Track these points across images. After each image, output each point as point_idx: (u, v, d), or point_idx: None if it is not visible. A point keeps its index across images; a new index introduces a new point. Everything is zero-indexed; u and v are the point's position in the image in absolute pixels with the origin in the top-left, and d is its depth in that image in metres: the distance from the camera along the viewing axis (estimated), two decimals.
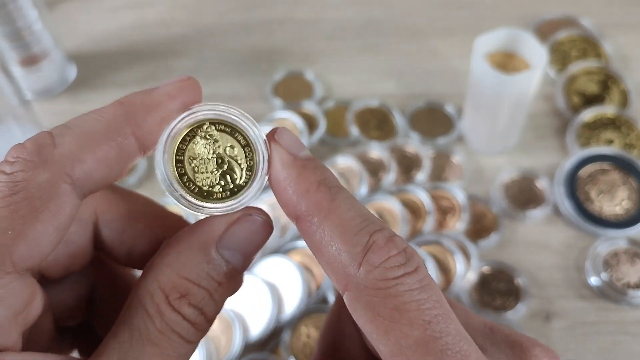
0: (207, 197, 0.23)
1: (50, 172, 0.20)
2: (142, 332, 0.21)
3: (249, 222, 0.23)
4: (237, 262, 0.23)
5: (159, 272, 0.22)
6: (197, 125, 0.23)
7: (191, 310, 0.22)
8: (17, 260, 0.19)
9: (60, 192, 0.20)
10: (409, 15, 0.76)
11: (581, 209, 0.56)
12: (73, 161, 0.21)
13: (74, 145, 0.21)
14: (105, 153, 0.21)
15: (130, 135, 0.22)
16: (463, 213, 0.56)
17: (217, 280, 0.23)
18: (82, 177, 0.21)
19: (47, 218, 0.20)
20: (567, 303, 0.52)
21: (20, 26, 0.61)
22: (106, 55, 0.73)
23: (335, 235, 0.21)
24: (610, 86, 0.65)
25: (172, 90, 0.23)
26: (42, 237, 0.20)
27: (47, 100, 0.68)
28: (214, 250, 0.23)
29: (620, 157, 0.58)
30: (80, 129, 0.21)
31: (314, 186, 0.22)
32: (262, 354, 0.49)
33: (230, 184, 0.24)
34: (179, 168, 0.23)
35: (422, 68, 0.70)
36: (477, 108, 0.59)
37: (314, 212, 0.22)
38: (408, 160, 0.61)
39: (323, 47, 0.73)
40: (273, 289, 0.51)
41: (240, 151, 0.24)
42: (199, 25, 0.76)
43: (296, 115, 0.63)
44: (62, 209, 0.20)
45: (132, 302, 0.22)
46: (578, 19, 0.73)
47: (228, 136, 0.24)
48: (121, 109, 0.22)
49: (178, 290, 0.22)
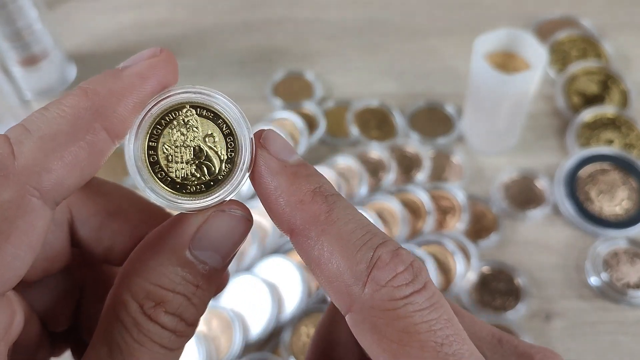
0: (180, 190, 0.21)
1: (13, 189, 0.18)
2: (121, 346, 0.20)
3: (224, 218, 0.21)
4: (215, 262, 0.21)
5: (131, 281, 0.20)
6: (176, 108, 0.21)
7: (169, 318, 0.20)
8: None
9: (28, 209, 0.18)
10: (409, 15, 0.76)
11: (581, 209, 0.56)
12: (39, 172, 0.18)
13: (38, 153, 0.18)
14: (75, 156, 0.19)
15: (100, 130, 0.19)
16: (463, 213, 0.56)
17: (194, 284, 0.21)
18: (52, 187, 0.18)
19: (17, 239, 0.18)
20: (567, 303, 0.52)
21: (20, 26, 0.61)
22: (106, 55, 0.73)
23: (336, 251, 0.19)
24: (610, 86, 0.65)
25: (144, 70, 0.20)
26: (14, 260, 0.18)
27: (47, 100, 0.68)
28: (187, 252, 0.21)
29: (620, 157, 0.58)
30: (41, 130, 0.18)
31: (309, 196, 0.20)
32: (262, 354, 0.49)
33: (206, 176, 0.21)
34: (150, 156, 0.21)
35: (422, 68, 0.70)
36: (477, 108, 0.59)
37: (310, 226, 0.20)
38: (408, 160, 0.61)
39: (323, 47, 0.73)
40: (273, 289, 0.51)
41: (222, 140, 0.21)
42: (199, 25, 0.76)
43: (296, 115, 0.63)
44: (33, 226, 0.18)
45: (108, 314, 0.21)
46: (578, 19, 0.73)
47: (209, 122, 0.21)
48: (86, 101, 0.19)
49: (152, 299, 0.20)
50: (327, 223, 0.20)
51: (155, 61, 0.21)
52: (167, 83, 0.21)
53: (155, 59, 0.21)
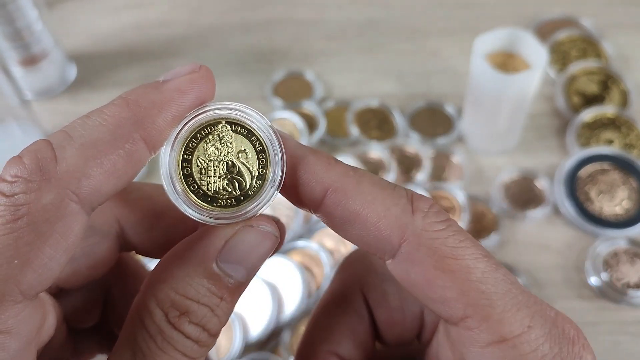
0: (211, 202, 0.22)
1: (54, 192, 0.18)
2: (144, 352, 0.20)
3: (252, 233, 0.22)
4: (240, 275, 0.22)
5: (157, 290, 0.21)
6: (212, 123, 0.21)
7: (192, 328, 0.21)
8: (26, 289, 0.18)
9: (67, 213, 0.19)
10: (409, 15, 0.76)
11: (581, 209, 0.56)
12: (79, 178, 0.19)
13: (79, 159, 0.19)
14: (113, 164, 0.19)
15: (139, 140, 0.20)
16: (463, 213, 0.56)
17: (219, 296, 0.21)
18: (90, 193, 0.19)
19: (55, 242, 0.19)
20: (567, 303, 0.52)
21: (20, 26, 0.61)
22: (106, 55, 0.73)
23: (377, 193, 0.21)
24: (610, 86, 0.65)
25: (184, 84, 0.21)
26: (51, 261, 0.19)
27: (47, 100, 0.68)
28: (214, 264, 0.21)
29: (620, 157, 0.58)
30: (82, 138, 0.19)
31: (332, 160, 0.22)
32: (262, 354, 0.49)
33: (237, 190, 0.22)
34: (185, 168, 0.21)
35: (422, 68, 0.70)
36: (477, 108, 0.59)
37: (346, 179, 0.21)
38: (408, 160, 0.61)
39: (323, 47, 0.73)
40: (273, 289, 0.51)
41: (254, 157, 0.22)
42: (199, 25, 0.76)
43: (296, 115, 0.63)
44: (70, 230, 0.19)
45: (132, 320, 0.21)
46: (578, 19, 0.73)
47: (243, 139, 0.22)
48: (127, 111, 0.20)
49: (177, 308, 0.21)
50: (359, 175, 0.21)
51: (195, 77, 0.21)
52: (205, 98, 0.22)
53: (194, 74, 0.22)
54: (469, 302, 0.20)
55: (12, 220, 0.18)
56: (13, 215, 0.18)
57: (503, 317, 0.20)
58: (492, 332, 0.20)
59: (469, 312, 0.20)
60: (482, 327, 0.20)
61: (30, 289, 0.19)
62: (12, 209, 0.18)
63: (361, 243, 0.22)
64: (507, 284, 0.20)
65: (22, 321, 0.19)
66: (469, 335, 0.20)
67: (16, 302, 0.18)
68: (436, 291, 0.21)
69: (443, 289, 0.20)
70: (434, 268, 0.20)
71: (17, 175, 0.18)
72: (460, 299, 0.20)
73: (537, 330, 0.20)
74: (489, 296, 0.20)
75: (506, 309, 0.20)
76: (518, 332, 0.20)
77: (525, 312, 0.20)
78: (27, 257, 0.18)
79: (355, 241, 0.22)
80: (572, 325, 0.21)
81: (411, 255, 0.21)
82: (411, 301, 0.25)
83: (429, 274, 0.21)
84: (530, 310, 0.20)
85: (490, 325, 0.20)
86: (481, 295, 0.20)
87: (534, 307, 0.20)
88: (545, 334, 0.20)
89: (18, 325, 0.18)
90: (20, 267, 0.18)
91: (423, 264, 0.21)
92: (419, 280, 0.21)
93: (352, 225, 0.21)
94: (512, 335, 0.20)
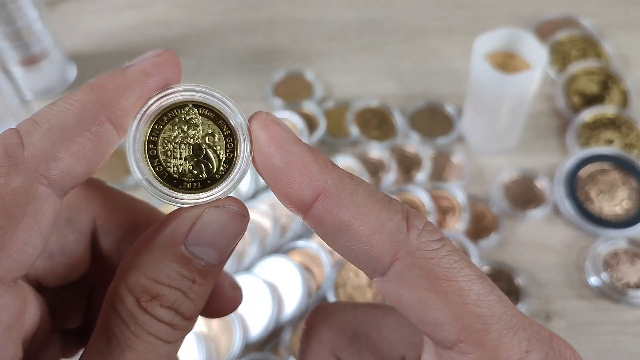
0: (176, 185, 0.21)
1: (23, 176, 0.19)
2: (119, 337, 0.20)
3: (219, 213, 0.21)
4: (211, 257, 0.21)
5: (128, 276, 0.21)
6: (178, 106, 0.21)
7: (164, 311, 0.21)
8: (3, 274, 0.18)
9: (37, 196, 0.19)
10: (409, 15, 0.76)
11: (581, 209, 0.56)
12: (47, 160, 0.19)
13: (45, 143, 0.19)
14: (81, 146, 0.20)
15: (105, 122, 0.20)
16: (463, 213, 0.56)
17: (190, 279, 0.21)
18: (59, 175, 0.19)
19: (28, 225, 0.19)
20: (567, 303, 0.52)
21: (20, 26, 0.61)
22: (106, 55, 0.73)
23: (372, 204, 0.20)
24: (610, 86, 0.65)
25: (148, 67, 0.21)
26: (25, 245, 0.19)
27: (47, 100, 0.68)
28: (182, 247, 0.21)
29: (620, 157, 0.58)
30: (49, 122, 0.19)
31: (330, 163, 0.21)
32: (262, 354, 0.49)
33: (203, 174, 0.21)
34: (150, 149, 0.21)
35: (422, 68, 0.70)
36: (477, 108, 0.59)
37: (341, 186, 0.20)
38: (408, 160, 0.61)
39: (323, 47, 0.73)
40: (273, 289, 0.51)
41: (221, 140, 0.21)
42: (199, 25, 0.76)
43: (296, 115, 0.63)
44: (42, 213, 0.19)
45: (106, 307, 0.21)
46: (578, 19, 0.73)
47: (210, 122, 0.21)
48: (92, 94, 0.20)
49: (148, 293, 0.21)
50: (355, 183, 0.20)
51: (159, 59, 0.21)
52: (170, 81, 0.22)
53: (159, 57, 0.22)
54: (463, 327, 0.19)
55: None
56: None
57: (499, 343, 0.19)
58: (488, 358, 0.19)
59: (463, 337, 0.19)
60: (477, 352, 0.19)
61: (7, 273, 0.19)
62: None
63: (349, 256, 0.21)
64: (502, 306, 0.20)
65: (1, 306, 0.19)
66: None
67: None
68: (429, 313, 0.20)
69: (436, 312, 0.20)
70: (426, 290, 0.20)
71: None
72: (454, 323, 0.19)
73: (535, 355, 0.19)
74: (484, 320, 0.19)
75: (502, 333, 0.19)
76: (516, 357, 0.19)
77: (522, 336, 0.19)
78: (1, 241, 0.18)
79: (343, 253, 0.21)
80: (567, 346, 0.20)
81: (403, 274, 0.20)
82: (388, 353, 0.24)
83: (421, 296, 0.20)
84: (527, 334, 0.20)
85: (486, 351, 0.19)
86: (476, 320, 0.19)
87: (529, 329, 0.20)
88: (543, 359, 0.19)
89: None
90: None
91: (415, 285, 0.20)
92: (410, 302, 0.20)
93: (342, 236, 0.20)
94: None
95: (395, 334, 0.24)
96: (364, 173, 0.58)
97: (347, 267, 0.53)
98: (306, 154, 0.20)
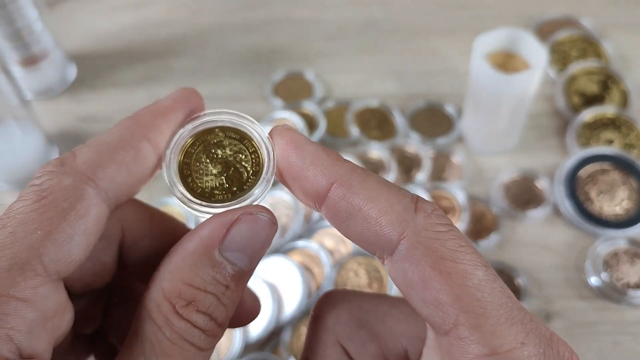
0: (209, 198, 0.24)
1: (73, 177, 0.21)
2: (154, 344, 0.21)
3: (251, 221, 0.23)
4: (243, 263, 0.23)
5: (164, 281, 0.22)
6: (207, 131, 0.25)
7: (200, 317, 0.21)
8: (47, 262, 0.20)
9: (84, 195, 0.21)
10: (409, 15, 0.76)
11: (581, 209, 0.56)
12: (94, 166, 0.22)
13: (93, 154, 0.22)
14: (123, 157, 0.23)
15: (143, 139, 0.23)
16: (463, 213, 0.56)
17: (224, 284, 0.22)
18: (104, 179, 0.22)
19: (73, 219, 0.21)
20: (567, 303, 0.52)
21: (20, 26, 0.61)
22: (106, 55, 0.73)
23: (382, 189, 0.22)
24: (610, 86, 0.65)
25: (177, 98, 0.25)
26: (70, 238, 0.21)
27: (47, 100, 0.68)
28: (217, 253, 0.22)
29: (620, 157, 0.58)
30: (96, 141, 0.23)
31: (342, 158, 0.23)
32: (262, 354, 0.49)
33: (233, 186, 0.24)
34: (184, 170, 0.24)
35: (422, 68, 0.70)
36: (477, 108, 0.59)
37: (352, 174, 0.22)
38: (408, 160, 0.61)
39: (323, 47, 0.73)
40: (273, 289, 0.51)
41: (248, 157, 0.24)
42: (199, 25, 0.76)
43: (296, 115, 0.63)
44: (88, 211, 0.21)
45: (141, 313, 0.22)
46: (578, 19, 0.73)
47: (236, 142, 0.25)
48: (130, 120, 0.24)
49: (184, 297, 0.21)
50: (365, 173, 0.22)
51: (185, 93, 0.25)
52: (196, 108, 0.25)
53: (184, 91, 0.25)
54: (463, 308, 0.20)
55: (37, 200, 0.21)
56: (38, 196, 0.21)
57: (496, 329, 0.19)
58: (484, 344, 0.19)
59: (461, 319, 0.20)
60: (473, 337, 0.19)
61: (51, 263, 0.20)
62: (38, 191, 0.21)
63: (361, 240, 0.22)
64: (504, 296, 0.20)
65: (40, 295, 0.20)
66: (460, 346, 0.20)
67: (36, 273, 0.20)
68: (431, 293, 0.20)
69: (438, 291, 0.20)
70: (431, 268, 0.20)
71: (44, 170, 0.22)
72: (454, 304, 0.20)
73: (530, 348, 0.19)
74: (484, 305, 0.20)
75: (500, 321, 0.19)
76: (510, 346, 0.19)
77: (520, 328, 0.20)
78: (49, 229, 0.20)
79: (355, 239, 0.22)
80: (566, 347, 0.20)
81: (409, 252, 0.21)
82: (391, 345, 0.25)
83: (425, 274, 0.20)
84: (525, 327, 0.20)
85: (482, 336, 0.19)
86: (476, 303, 0.20)
87: (529, 324, 0.20)
88: (539, 354, 0.19)
89: (36, 297, 0.19)
90: (42, 238, 0.20)
91: (420, 263, 0.20)
92: (414, 279, 0.21)
93: (354, 221, 0.22)
94: (504, 349, 0.19)
95: (400, 327, 0.25)
96: None
97: (347, 267, 0.53)
98: (319, 150, 0.23)
